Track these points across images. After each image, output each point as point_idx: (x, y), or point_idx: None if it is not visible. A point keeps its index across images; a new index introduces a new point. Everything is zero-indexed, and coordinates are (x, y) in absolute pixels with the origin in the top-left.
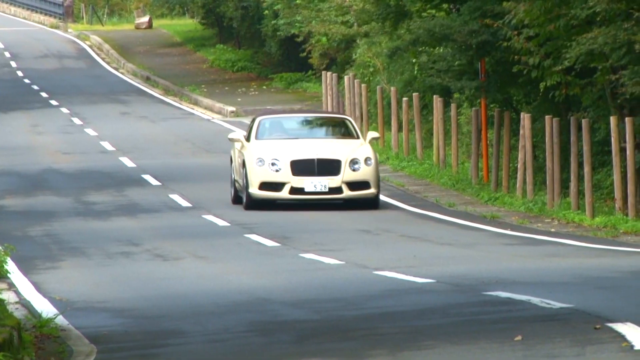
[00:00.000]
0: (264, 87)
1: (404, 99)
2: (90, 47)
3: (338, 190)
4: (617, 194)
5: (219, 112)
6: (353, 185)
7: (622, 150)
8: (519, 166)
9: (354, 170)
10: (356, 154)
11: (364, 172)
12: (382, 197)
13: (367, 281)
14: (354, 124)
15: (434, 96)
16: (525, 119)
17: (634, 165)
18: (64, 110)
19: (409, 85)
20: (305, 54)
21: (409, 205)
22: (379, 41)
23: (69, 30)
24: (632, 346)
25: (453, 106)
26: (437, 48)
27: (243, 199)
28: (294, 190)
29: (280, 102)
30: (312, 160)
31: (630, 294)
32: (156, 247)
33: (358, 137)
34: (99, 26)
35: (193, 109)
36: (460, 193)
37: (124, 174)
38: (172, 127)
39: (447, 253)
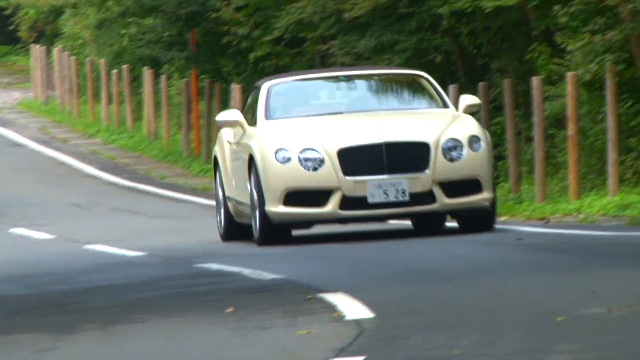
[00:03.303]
0: None
1: (114, 71)
2: None
3: (427, 197)
4: None
5: None
6: (453, 186)
7: None
8: None
9: (451, 159)
10: (453, 132)
11: (470, 163)
12: (94, 171)
13: (78, 255)
14: (434, 84)
15: (144, 68)
16: (235, 90)
17: None
18: None
19: (118, 57)
20: (13, 27)
21: (120, 178)
22: (88, 12)
23: None
24: (343, 316)
25: (163, 77)
26: (147, 19)
27: (254, 227)
28: (347, 202)
29: None
30: (377, 146)
31: (341, 264)
32: None
33: (446, 105)
34: None
35: None
36: (171, 165)
37: None
38: None
39: (158, 225)
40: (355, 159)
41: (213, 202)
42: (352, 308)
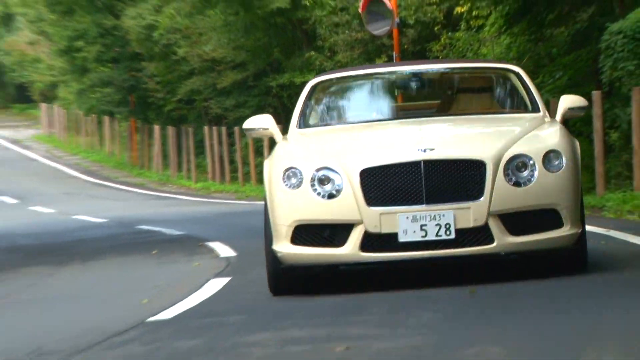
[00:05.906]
0: None
1: (89, 117)
2: None
3: (481, 234)
4: (210, 169)
5: None
6: (518, 220)
7: (212, 145)
8: (155, 155)
9: (517, 183)
10: (522, 146)
11: (544, 187)
12: (77, 174)
13: (68, 222)
14: (527, 81)
15: (105, 116)
16: (156, 129)
17: (219, 153)
18: None
19: (90, 110)
20: (29, 92)
21: (92, 177)
22: (72, 84)
23: None
24: (218, 254)
25: (116, 122)
26: (105, 88)
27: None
28: (371, 241)
29: None
30: (414, 165)
31: (216, 226)
32: None
33: (536, 109)
34: None
35: None
36: (121, 170)
37: None
38: None
39: (114, 205)
40: (384, 183)
41: (146, 191)
42: (224, 250)
